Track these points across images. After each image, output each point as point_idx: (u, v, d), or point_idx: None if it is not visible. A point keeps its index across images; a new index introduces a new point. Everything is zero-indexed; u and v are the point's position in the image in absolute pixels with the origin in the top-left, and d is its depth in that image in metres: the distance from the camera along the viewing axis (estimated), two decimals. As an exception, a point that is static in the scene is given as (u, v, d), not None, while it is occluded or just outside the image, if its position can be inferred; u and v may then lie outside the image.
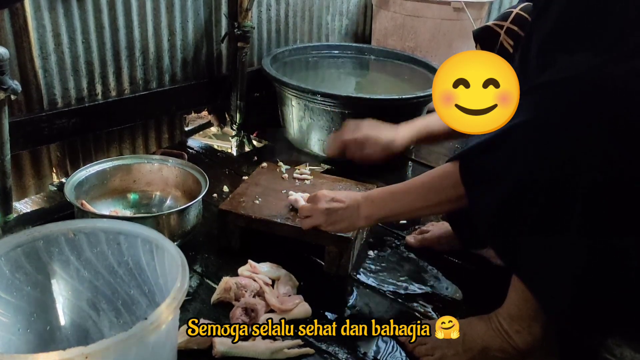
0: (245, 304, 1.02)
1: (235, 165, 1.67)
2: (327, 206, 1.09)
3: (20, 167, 1.46)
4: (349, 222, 1.08)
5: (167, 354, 0.79)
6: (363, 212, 1.05)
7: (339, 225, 1.09)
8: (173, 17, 1.66)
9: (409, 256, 1.27)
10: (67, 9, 1.40)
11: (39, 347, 0.85)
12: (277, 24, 2.03)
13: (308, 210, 1.12)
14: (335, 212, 1.08)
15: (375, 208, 1.04)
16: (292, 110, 1.75)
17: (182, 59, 1.74)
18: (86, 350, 0.62)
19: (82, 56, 1.48)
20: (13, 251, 0.83)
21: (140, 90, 1.65)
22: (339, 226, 1.09)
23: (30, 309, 0.86)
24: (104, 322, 0.92)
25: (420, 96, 1.68)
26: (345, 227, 1.10)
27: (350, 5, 2.35)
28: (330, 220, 1.09)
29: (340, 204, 1.08)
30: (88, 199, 1.24)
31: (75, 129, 1.49)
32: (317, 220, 1.10)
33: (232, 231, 1.20)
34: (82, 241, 0.88)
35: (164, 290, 0.86)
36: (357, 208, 1.06)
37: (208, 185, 1.24)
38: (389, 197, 1.03)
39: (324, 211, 1.09)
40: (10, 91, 1.16)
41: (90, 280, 0.90)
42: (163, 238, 0.86)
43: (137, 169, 1.34)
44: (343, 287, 1.15)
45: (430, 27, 2.13)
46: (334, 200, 1.09)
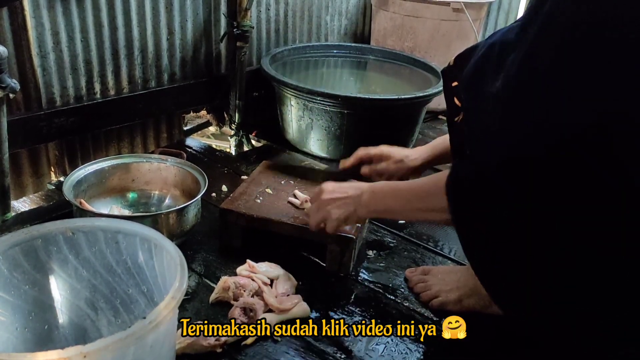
0: (244, 303, 1.01)
1: (234, 165, 1.67)
2: (331, 197, 1.08)
3: (19, 165, 1.46)
4: (351, 211, 1.07)
5: (166, 353, 0.79)
6: (364, 201, 1.05)
7: (343, 215, 1.07)
8: (172, 16, 1.66)
9: (409, 256, 1.27)
10: (66, 7, 1.40)
11: (37, 346, 0.85)
12: (276, 23, 2.03)
13: (315, 207, 1.11)
14: (339, 200, 1.08)
15: (374, 200, 1.04)
16: (291, 110, 1.75)
17: (181, 58, 1.74)
18: (84, 350, 0.62)
19: (81, 55, 1.48)
20: (11, 250, 0.82)
21: (139, 89, 1.65)
22: (342, 216, 1.07)
23: (29, 308, 0.85)
24: (102, 321, 0.91)
25: (419, 96, 1.68)
26: (347, 216, 1.08)
27: (349, 6, 2.35)
28: (334, 209, 1.08)
29: (343, 194, 1.08)
30: (86, 198, 1.24)
31: (74, 128, 1.49)
32: (322, 214, 1.09)
33: (234, 230, 1.20)
34: (80, 240, 0.88)
35: (162, 289, 0.86)
36: (359, 197, 1.05)
37: (207, 184, 1.24)
38: (390, 192, 1.03)
39: (327, 201, 1.08)
40: (8, 90, 1.16)
41: (88, 279, 0.90)
42: (162, 237, 0.86)
43: (135, 168, 1.33)
44: (342, 286, 1.15)
45: (430, 27, 2.13)
46: (337, 191, 1.09)
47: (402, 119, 1.77)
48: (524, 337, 1.02)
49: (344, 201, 1.07)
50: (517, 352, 1.01)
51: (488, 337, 1.03)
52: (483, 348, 1.01)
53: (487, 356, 1.00)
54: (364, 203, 1.04)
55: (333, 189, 1.09)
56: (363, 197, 1.05)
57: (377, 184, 1.07)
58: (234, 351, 0.95)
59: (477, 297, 1.06)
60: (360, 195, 1.05)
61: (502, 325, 1.04)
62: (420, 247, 1.31)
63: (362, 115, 1.68)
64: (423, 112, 1.82)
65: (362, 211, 1.05)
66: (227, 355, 0.94)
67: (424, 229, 1.38)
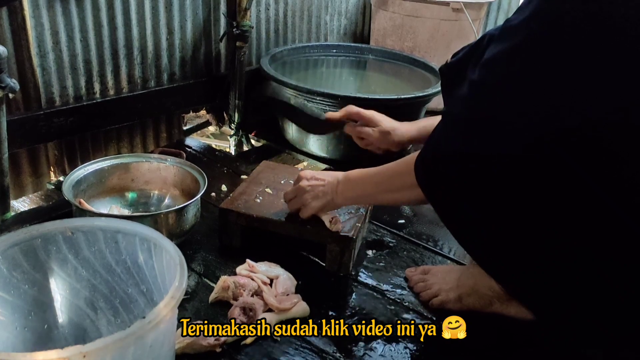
0: (244, 303, 1.01)
1: (233, 165, 1.66)
2: (309, 183, 1.12)
3: (18, 165, 1.46)
4: (328, 199, 1.10)
5: (166, 353, 0.78)
6: (340, 189, 1.08)
7: (319, 202, 1.11)
8: (171, 16, 1.65)
9: (408, 256, 1.27)
10: (66, 7, 1.40)
11: (36, 346, 0.85)
12: (275, 23, 2.03)
13: (292, 192, 1.15)
14: (316, 188, 1.11)
15: (351, 186, 1.07)
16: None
17: (181, 58, 1.73)
18: (84, 349, 0.62)
19: (80, 54, 1.48)
20: (11, 249, 0.82)
21: (138, 89, 1.64)
22: (319, 202, 1.11)
23: (28, 308, 0.85)
24: (102, 321, 0.91)
25: (419, 96, 1.68)
26: (324, 204, 1.11)
27: (349, 5, 2.35)
28: (311, 196, 1.11)
29: (320, 181, 1.11)
30: (86, 198, 1.24)
31: (73, 128, 1.49)
32: (300, 200, 1.12)
33: (233, 230, 1.20)
34: (80, 240, 0.88)
35: (162, 289, 0.86)
36: (336, 185, 1.09)
37: (206, 184, 1.24)
38: (365, 177, 1.05)
39: (305, 188, 1.12)
40: (8, 89, 1.16)
41: (88, 278, 0.90)
42: (161, 237, 0.86)
43: (135, 167, 1.33)
44: (342, 286, 1.15)
45: (429, 27, 2.13)
46: (315, 179, 1.12)
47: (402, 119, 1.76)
48: (524, 337, 1.03)
49: (321, 189, 1.10)
50: (517, 352, 1.01)
51: (488, 337, 1.03)
52: (483, 348, 1.01)
53: (487, 356, 1.00)
54: (340, 191, 1.08)
55: (311, 176, 1.13)
56: (339, 186, 1.08)
57: (352, 172, 1.09)
58: (233, 351, 0.95)
59: (477, 296, 1.06)
60: (336, 184, 1.08)
61: (502, 325, 1.04)
62: (419, 246, 1.31)
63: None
64: (423, 112, 1.82)
65: (339, 199, 1.09)
66: (227, 355, 0.94)
67: (424, 229, 1.38)
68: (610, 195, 0.67)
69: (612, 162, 0.67)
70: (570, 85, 0.68)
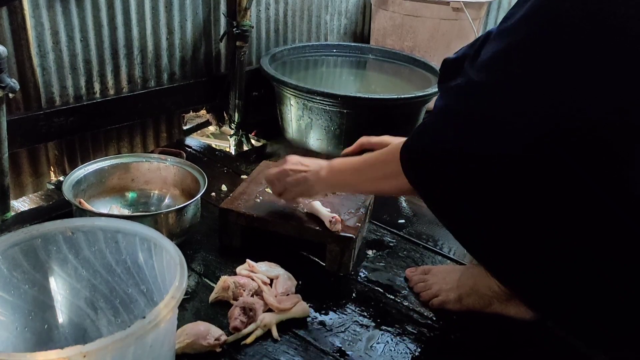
0: (244, 303, 1.01)
1: (233, 164, 1.66)
2: (292, 167, 1.11)
3: (18, 165, 1.46)
4: (310, 186, 1.09)
5: (166, 353, 0.78)
6: (323, 177, 1.07)
7: (300, 188, 1.10)
8: (172, 15, 1.65)
9: (408, 255, 1.27)
10: (66, 7, 1.40)
11: (36, 346, 0.85)
12: (275, 23, 2.03)
13: (274, 175, 1.14)
14: (298, 173, 1.10)
15: (333, 174, 1.06)
16: (291, 109, 1.74)
17: (181, 57, 1.73)
18: (84, 349, 0.62)
19: (81, 54, 1.48)
20: (11, 249, 0.82)
21: (138, 89, 1.65)
22: (299, 188, 1.11)
23: (28, 308, 0.85)
24: (102, 321, 0.91)
25: (419, 96, 1.68)
26: (303, 190, 1.11)
27: (349, 5, 2.35)
28: (292, 180, 1.10)
29: (304, 167, 1.10)
30: (86, 198, 1.24)
31: (73, 128, 1.49)
32: (282, 184, 1.12)
33: (233, 230, 1.20)
34: (80, 240, 0.88)
35: (162, 289, 0.86)
36: (318, 172, 1.07)
37: (206, 184, 1.24)
38: (348, 165, 1.04)
39: (288, 172, 1.11)
40: (8, 89, 1.16)
41: (88, 278, 0.90)
42: (161, 237, 0.86)
43: (135, 167, 1.33)
44: (342, 286, 1.15)
45: (429, 26, 2.13)
46: (300, 164, 1.11)
47: (402, 119, 1.77)
48: (524, 337, 1.03)
49: (304, 175, 1.09)
50: (517, 352, 1.01)
51: (488, 337, 1.03)
52: (483, 348, 1.01)
53: (487, 356, 1.00)
54: (322, 178, 1.07)
55: (297, 161, 1.12)
56: (321, 173, 1.07)
57: (336, 160, 1.08)
58: (233, 351, 0.95)
59: (477, 296, 1.06)
60: (319, 171, 1.08)
61: (502, 325, 1.04)
62: (419, 246, 1.31)
63: (361, 115, 1.68)
64: (423, 112, 1.82)
65: (321, 185, 1.08)
66: (227, 354, 0.94)
67: (424, 229, 1.38)
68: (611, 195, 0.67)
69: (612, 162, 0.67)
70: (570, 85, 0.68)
